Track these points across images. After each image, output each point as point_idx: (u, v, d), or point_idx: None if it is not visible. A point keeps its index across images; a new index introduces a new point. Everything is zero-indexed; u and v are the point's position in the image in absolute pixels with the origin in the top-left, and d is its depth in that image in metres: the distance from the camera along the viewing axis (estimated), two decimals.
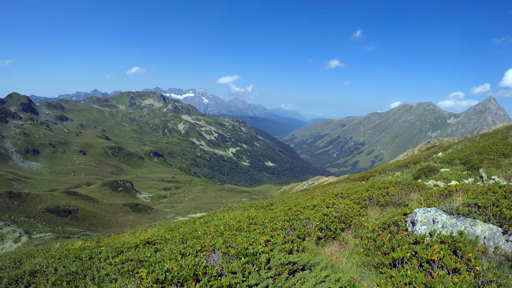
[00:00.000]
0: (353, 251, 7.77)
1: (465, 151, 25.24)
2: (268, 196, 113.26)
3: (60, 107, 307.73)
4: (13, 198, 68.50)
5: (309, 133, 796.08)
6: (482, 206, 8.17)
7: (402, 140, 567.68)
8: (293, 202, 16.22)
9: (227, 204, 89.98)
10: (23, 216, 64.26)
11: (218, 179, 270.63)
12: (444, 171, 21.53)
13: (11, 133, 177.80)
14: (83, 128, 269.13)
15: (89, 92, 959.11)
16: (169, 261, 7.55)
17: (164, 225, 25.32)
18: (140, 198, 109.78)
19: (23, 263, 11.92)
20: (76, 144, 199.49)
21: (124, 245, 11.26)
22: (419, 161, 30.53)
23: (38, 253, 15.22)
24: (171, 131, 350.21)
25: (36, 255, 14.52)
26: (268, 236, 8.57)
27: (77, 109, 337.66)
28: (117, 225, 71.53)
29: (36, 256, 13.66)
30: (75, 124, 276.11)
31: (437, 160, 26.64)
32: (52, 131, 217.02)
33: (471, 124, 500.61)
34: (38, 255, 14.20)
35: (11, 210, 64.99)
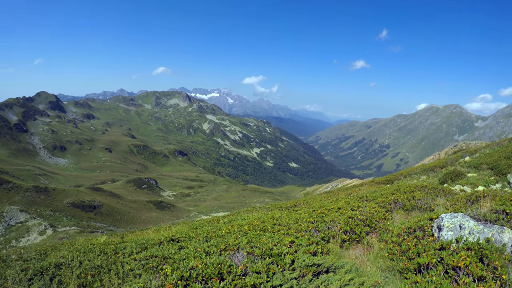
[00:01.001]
0: (378, 255, 7.69)
1: (493, 156, 24.73)
2: (291, 197, 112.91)
3: (87, 106, 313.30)
4: (39, 193, 70.04)
5: (333, 134, 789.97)
6: (510, 213, 8.03)
7: (428, 143, 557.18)
8: (318, 204, 16.10)
9: (250, 204, 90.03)
10: (49, 210, 65.60)
11: (241, 179, 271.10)
12: (471, 176, 21.16)
13: (39, 130, 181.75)
14: (109, 126, 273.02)
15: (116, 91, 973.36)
16: (194, 259, 7.56)
17: (188, 223, 25.40)
18: (163, 196, 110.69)
19: (49, 255, 11.99)
20: (102, 141, 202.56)
21: (148, 242, 11.32)
22: (446, 165, 30.04)
23: (63, 246, 15.40)
24: (196, 130, 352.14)
25: (61, 248, 14.67)
26: (293, 237, 8.53)
27: (104, 108, 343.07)
28: (140, 222, 72.31)
29: (61, 249, 13.81)
30: (102, 122, 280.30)
31: (463, 165, 26.20)
32: (79, 128, 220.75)
33: (499, 127, 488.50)
34: (63, 248, 14.37)
35: (38, 204, 66.45)
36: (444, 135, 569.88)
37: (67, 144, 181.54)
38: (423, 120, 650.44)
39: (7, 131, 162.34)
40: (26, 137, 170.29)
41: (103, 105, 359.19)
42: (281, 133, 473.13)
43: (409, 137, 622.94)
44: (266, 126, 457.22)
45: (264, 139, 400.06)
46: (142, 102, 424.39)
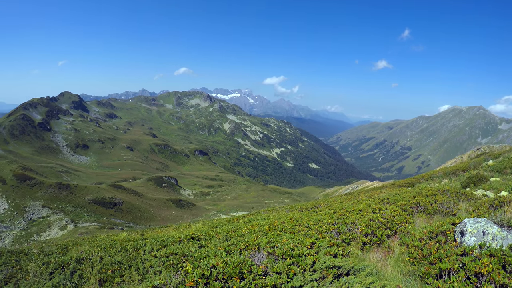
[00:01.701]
0: (399, 259, 7.62)
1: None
2: (310, 198, 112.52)
3: (109, 105, 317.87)
4: (62, 189, 71.30)
5: (354, 135, 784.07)
6: None
7: (450, 146, 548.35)
8: (338, 206, 16.02)
9: (269, 204, 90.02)
10: (71, 206, 66.70)
11: (261, 179, 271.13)
12: (494, 181, 20.78)
13: (62, 128, 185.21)
14: (131, 125, 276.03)
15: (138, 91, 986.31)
16: (214, 258, 7.57)
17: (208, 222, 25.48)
18: (183, 194, 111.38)
19: (70, 250, 12.13)
20: (124, 140, 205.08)
21: (168, 239, 11.36)
22: (468, 168, 29.58)
23: (84, 242, 15.57)
24: (217, 130, 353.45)
25: (82, 243, 14.85)
26: (314, 239, 8.49)
27: (126, 108, 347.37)
28: (160, 219, 72.92)
29: (82, 244, 13.98)
30: (124, 121, 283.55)
31: (487, 169, 25.76)
32: (101, 127, 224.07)
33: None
34: (84, 243, 14.56)
35: (60, 200, 67.67)
36: (466, 137, 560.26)
37: (90, 142, 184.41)
38: (445, 122, 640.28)
39: (31, 129, 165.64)
40: (49, 136, 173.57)
41: (125, 105, 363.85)
42: (301, 133, 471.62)
43: (431, 139, 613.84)
44: (287, 127, 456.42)
45: (285, 139, 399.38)
46: (163, 102, 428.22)
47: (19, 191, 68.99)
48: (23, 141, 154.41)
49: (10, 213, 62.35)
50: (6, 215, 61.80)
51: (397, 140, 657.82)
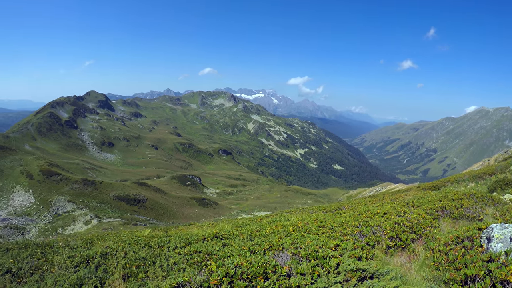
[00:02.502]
0: (423, 264, 7.51)
1: None
2: (333, 200, 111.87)
3: (134, 105, 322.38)
4: (87, 185, 72.62)
5: (379, 137, 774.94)
6: None
7: (477, 148, 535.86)
8: (363, 208, 15.92)
9: (292, 205, 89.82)
10: (95, 202, 67.86)
11: (284, 179, 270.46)
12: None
13: (88, 126, 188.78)
14: (156, 124, 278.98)
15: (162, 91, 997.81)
16: (238, 257, 7.59)
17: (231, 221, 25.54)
18: (207, 193, 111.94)
19: (94, 244, 12.41)
20: (149, 139, 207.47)
21: (192, 237, 11.42)
22: (495, 172, 29.01)
23: (108, 237, 15.88)
24: (241, 130, 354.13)
25: (106, 238, 15.13)
26: (338, 241, 8.47)
27: (151, 107, 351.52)
28: (182, 217, 73.44)
29: (106, 240, 14.24)
30: (149, 120, 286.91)
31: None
32: (126, 126, 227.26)
33: None
34: (109, 238, 14.86)
35: (85, 196, 68.93)
36: (494, 140, 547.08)
37: (115, 140, 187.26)
38: (472, 123, 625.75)
39: (58, 127, 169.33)
40: (76, 133, 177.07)
41: (150, 104, 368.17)
42: (325, 134, 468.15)
43: (457, 141, 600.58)
44: (311, 127, 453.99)
45: (309, 140, 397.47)
46: (188, 102, 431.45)
47: (45, 186, 70.58)
48: (50, 138, 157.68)
49: (36, 207, 63.93)
50: (32, 209, 63.41)
51: (422, 142, 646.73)
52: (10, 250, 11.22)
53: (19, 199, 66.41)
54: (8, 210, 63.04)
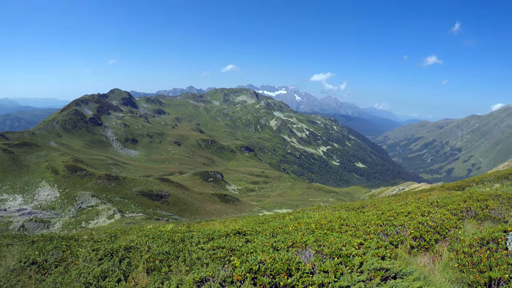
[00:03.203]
0: (447, 265, 7.44)
1: None
2: (355, 198, 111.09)
3: (158, 102, 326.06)
4: (111, 180, 73.79)
5: (403, 134, 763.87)
6: None
7: (503, 148, 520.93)
8: (386, 207, 15.78)
9: (314, 203, 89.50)
10: (119, 197, 68.89)
11: (306, 176, 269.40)
12: None
13: (112, 123, 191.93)
14: (178, 121, 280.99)
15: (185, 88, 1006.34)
16: (262, 253, 7.64)
17: (253, 218, 25.57)
18: (228, 189, 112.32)
19: (118, 238, 12.53)
20: (171, 135, 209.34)
21: (215, 233, 11.53)
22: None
23: (131, 231, 16.01)
24: (263, 127, 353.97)
25: (130, 232, 15.25)
26: (361, 239, 8.47)
27: (174, 104, 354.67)
28: (204, 213, 73.93)
29: (130, 234, 14.35)
30: (172, 117, 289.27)
31: None
32: (150, 123, 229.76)
33: None
34: (132, 232, 14.98)
35: (108, 191, 70.07)
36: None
37: (138, 137, 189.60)
38: (498, 122, 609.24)
39: (83, 124, 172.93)
40: (100, 130, 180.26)
41: (173, 101, 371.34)
42: (348, 131, 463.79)
43: (482, 140, 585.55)
44: (334, 124, 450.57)
45: (331, 137, 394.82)
46: (210, 99, 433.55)
47: (70, 181, 72.08)
48: (75, 135, 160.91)
49: (61, 201, 65.46)
50: (57, 203, 64.97)
51: (446, 141, 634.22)
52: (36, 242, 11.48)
53: (44, 194, 68.04)
54: (34, 204, 64.63)
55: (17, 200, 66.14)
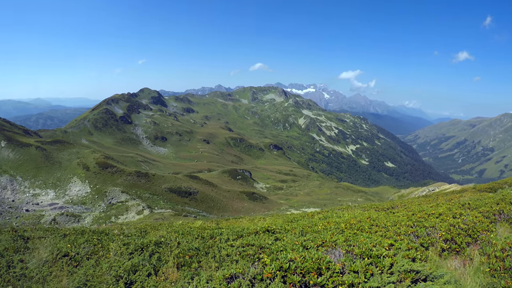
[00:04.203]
0: (478, 270, 7.27)
1: None
2: (384, 199, 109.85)
3: (186, 100, 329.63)
4: (140, 177, 75.10)
5: (433, 133, 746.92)
6: None
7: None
8: (417, 208, 15.59)
9: (342, 202, 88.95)
10: (148, 193, 70.05)
11: (335, 175, 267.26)
12: None
13: (142, 122, 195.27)
14: (207, 119, 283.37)
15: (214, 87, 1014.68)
16: (292, 252, 7.62)
17: (282, 216, 25.59)
18: (256, 187, 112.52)
19: (148, 233, 12.72)
20: (200, 133, 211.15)
21: (244, 230, 11.56)
22: None
23: (161, 227, 16.24)
24: (292, 125, 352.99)
25: (159, 228, 15.47)
26: (392, 240, 8.40)
27: (202, 102, 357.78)
28: (232, 210, 74.32)
29: (159, 229, 14.58)
30: (200, 115, 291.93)
31: None
32: (179, 121, 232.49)
33: None
34: (162, 228, 15.20)
35: (138, 187, 71.38)
36: None
37: (168, 135, 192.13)
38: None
39: (114, 122, 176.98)
40: (130, 128, 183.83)
41: (202, 100, 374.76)
42: (378, 130, 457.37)
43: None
44: (363, 123, 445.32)
45: (360, 136, 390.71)
46: (239, 97, 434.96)
47: (100, 177, 73.80)
48: (106, 133, 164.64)
49: (92, 197, 67.20)
50: (88, 198, 66.77)
51: (478, 140, 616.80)
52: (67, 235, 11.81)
53: (75, 189, 69.84)
54: (65, 199, 66.51)
55: (49, 195, 68.19)
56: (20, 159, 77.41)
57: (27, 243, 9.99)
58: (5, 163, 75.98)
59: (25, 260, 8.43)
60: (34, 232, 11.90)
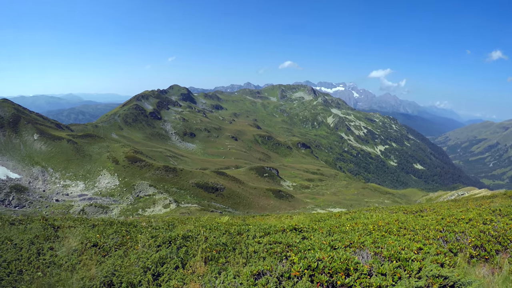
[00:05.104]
0: (507, 279, 7.16)
1: None
2: (412, 201, 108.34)
3: (215, 98, 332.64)
4: (168, 172, 76.28)
5: (464, 136, 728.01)
6: None
7: None
8: (446, 212, 15.39)
9: (369, 203, 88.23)
10: (175, 188, 71.10)
11: (362, 176, 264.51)
12: None
13: (171, 118, 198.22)
14: (236, 116, 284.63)
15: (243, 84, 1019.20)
16: (319, 251, 7.70)
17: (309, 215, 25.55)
18: (283, 185, 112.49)
19: (176, 227, 12.89)
20: (229, 130, 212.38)
21: (271, 227, 11.67)
22: None
23: (188, 221, 16.47)
24: (320, 124, 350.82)
25: (187, 222, 15.70)
26: (421, 244, 8.35)
27: (231, 100, 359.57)
28: (257, 207, 74.56)
29: (187, 223, 14.80)
30: (229, 113, 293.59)
31: None
32: (207, 118, 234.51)
33: None
34: (189, 222, 15.43)
35: (165, 181, 72.54)
36: None
37: (196, 131, 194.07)
38: None
39: (143, 118, 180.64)
40: (159, 124, 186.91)
41: (231, 97, 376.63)
42: (407, 131, 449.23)
43: None
44: (392, 123, 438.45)
45: (390, 136, 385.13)
46: (268, 95, 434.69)
47: (129, 171, 75.32)
48: (136, 128, 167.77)
49: (120, 189, 68.76)
50: (116, 191, 68.36)
51: (511, 144, 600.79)
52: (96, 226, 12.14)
53: (105, 181, 71.48)
54: (94, 190, 68.17)
55: (79, 186, 69.99)
56: (51, 152, 79.57)
57: (57, 232, 10.30)
58: (37, 155, 78.27)
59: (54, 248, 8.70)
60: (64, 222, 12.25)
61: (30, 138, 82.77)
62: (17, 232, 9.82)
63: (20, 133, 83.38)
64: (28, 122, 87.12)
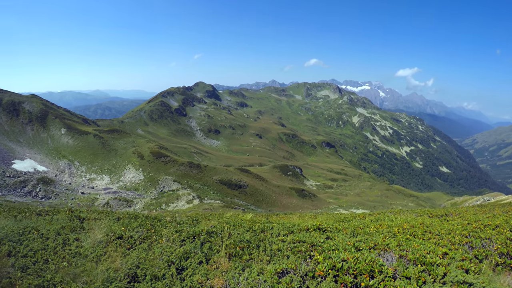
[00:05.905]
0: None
1: None
2: (436, 205, 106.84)
3: (240, 95, 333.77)
4: (192, 168, 77.02)
5: (492, 139, 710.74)
6: None
7: None
8: (472, 217, 15.19)
9: (392, 205, 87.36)
10: (199, 184, 71.75)
11: (387, 177, 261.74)
12: None
13: (196, 114, 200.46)
14: (260, 114, 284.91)
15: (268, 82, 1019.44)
16: (344, 252, 7.78)
17: (332, 215, 25.51)
18: (306, 184, 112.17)
19: (200, 222, 13.00)
20: (253, 128, 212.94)
21: (294, 226, 11.74)
22: None
23: (212, 217, 16.63)
24: (345, 123, 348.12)
25: (211, 218, 15.84)
26: (446, 249, 8.31)
27: (256, 97, 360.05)
28: (280, 206, 74.59)
29: (211, 219, 14.91)
30: (254, 110, 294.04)
31: None
32: (232, 115, 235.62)
33: None
34: (213, 218, 15.55)
35: (189, 177, 73.27)
36: None
37: (221, 128, 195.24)
38: None
39: (169, 114, 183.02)
40: (185, 120, 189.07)
41: (256, 95, 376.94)
42: (434, 132, 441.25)
43: None
44: (419, 124, 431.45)
45: (416, 137, 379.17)
46: (293, 93, 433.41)
47: (154, 166, 76.33)
48: (161, 124, 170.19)
49: (144, 184, 69.72)
50: (141, 185, 69.34)
51: None
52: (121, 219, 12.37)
53: (129, 176, 72.59)
54: (119, 184, 69.36)
55: (104, 180, 71.29)
56: (78, 146, 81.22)
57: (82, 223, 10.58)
58: (64, 148, 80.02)
59: (80, 239, 8.96)
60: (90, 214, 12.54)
61: (57, 132, 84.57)
62: (43, 223, 10.10)
63: (48, 128, 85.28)
64: (56, 117, 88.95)
